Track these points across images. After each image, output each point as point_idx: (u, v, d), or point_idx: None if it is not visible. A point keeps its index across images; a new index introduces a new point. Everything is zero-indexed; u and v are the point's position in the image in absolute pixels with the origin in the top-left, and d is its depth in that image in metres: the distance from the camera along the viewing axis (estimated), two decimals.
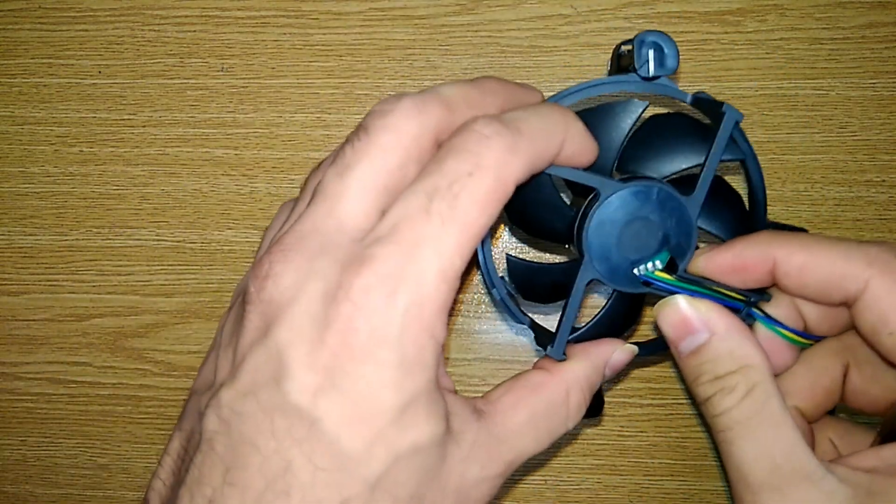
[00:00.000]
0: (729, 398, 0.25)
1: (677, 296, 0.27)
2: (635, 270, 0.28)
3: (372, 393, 0.21)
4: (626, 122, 0.29)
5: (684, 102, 0.30)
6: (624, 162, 0.30)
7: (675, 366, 0.40)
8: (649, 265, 0.28)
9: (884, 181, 0.39)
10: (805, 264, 0.26)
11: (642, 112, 0.29)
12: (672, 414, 0.41)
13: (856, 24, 0.39)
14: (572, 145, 0.25)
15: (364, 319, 0.21)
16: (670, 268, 0.28)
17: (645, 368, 0.41)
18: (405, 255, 0.21)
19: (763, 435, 0.24)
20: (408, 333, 0.21)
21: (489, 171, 0.22)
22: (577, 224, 0.28)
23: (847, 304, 0.26)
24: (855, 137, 0.39)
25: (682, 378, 0.41)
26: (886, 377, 0.28)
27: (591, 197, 0.28)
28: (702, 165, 0.28)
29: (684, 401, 0.40)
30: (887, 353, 0.25)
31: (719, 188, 0.30)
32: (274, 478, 0.20)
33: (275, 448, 0.21)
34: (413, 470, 0.22)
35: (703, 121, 0.30)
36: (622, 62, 0.30)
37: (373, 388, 0.21)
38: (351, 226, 0.22)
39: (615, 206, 0.27)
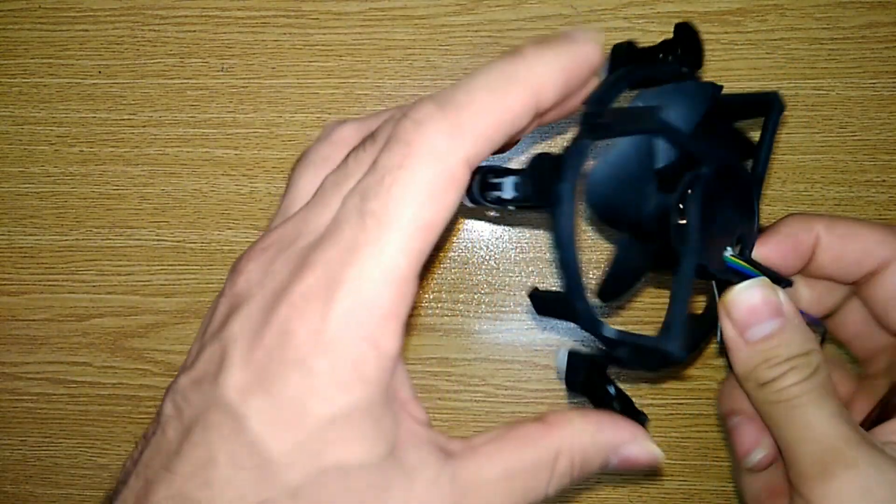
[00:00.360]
0: (796, 375, 0.25)
1: (756, 280, 0.26)
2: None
3: (298, 400, 0.20)
4: (699, 104, 0.26)
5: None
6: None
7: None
8: (729, 250, 0.27)
9: (884, 181, 0.39)
10: (846, 233, 0.27)
11: (717, 93, 0.26)
12: (672, 414, 0.41)
13: (856, 24, 0.39)
14: (553, 92, 0.21)
15: (300, 323, 0.20)
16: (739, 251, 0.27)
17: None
18: (344, 259, 0.20)
19: (815, 413, 0.25)
20: (343, 341, 0.20)
21: (424, 159, 0.20)
22: (676, 203, 0.25)
23: (870, 274, 0.27)
24: (855, 137, 0.39)
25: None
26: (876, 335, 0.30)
27: (692, 174, 0.25)
28: (759, 147, 0.27)
29: (684, 401, 0.40)
30: None
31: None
32: (200, 468, 0.20)
33: (205, 440, 0.20)
34: (340, 490, 0.20)
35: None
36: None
37: (300, 396, 0.20)
38: (314, 229, 0.22)
39: (715, 185, 0.25)
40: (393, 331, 0.20)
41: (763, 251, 0.28)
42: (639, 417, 0.25)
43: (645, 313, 0.40)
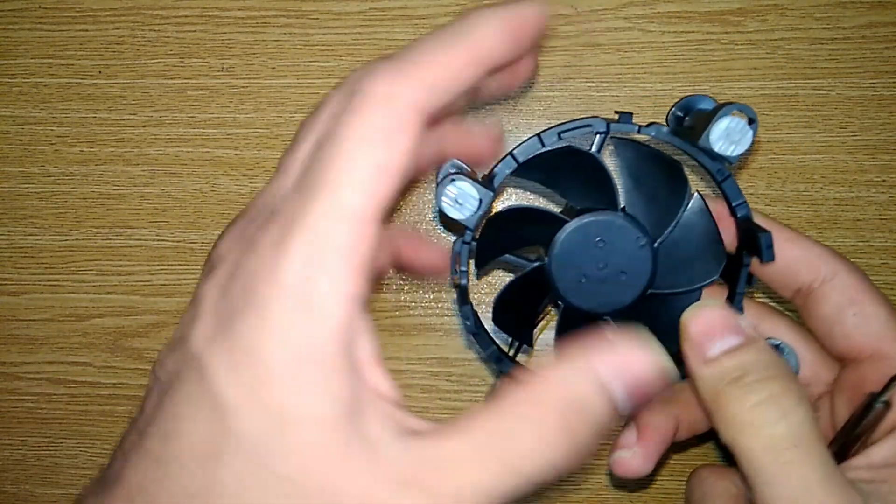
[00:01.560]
0: (773, 412, 0.24)
1: (711, 300, 0.27)
2: None
3: (253, 341, 0.19)
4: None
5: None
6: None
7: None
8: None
9: (884, 181, 0.39)
10: (789, 240, 0.29)
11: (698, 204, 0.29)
12: None
13: (856, 24, 0.39)
14: (497, 47, 0.22)
15: (259, 267, 0.20)
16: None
17: None
18: (304, 204, 0.20)
19: (794, 461, 0.24)
20: (298, 279, 0.19)
21: (374, 103, 0.20)
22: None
23: (803, 290, 0.28)
24: (855, 137, 0.39)
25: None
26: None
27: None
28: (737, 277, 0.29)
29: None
30: (844, 333, 0.27)
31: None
32: (168, 423, 0.20)
33: (174, 397, 0.20)
34: (290, 443, 0.19)
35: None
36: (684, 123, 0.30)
37: (254, 337, 0.19)
38: (286, 185, 0.22)
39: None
40: (351, 269, 0.19)
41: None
42: None
43: None
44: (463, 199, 0.25)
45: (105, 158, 0.42)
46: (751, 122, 0.25)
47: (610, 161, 0.30)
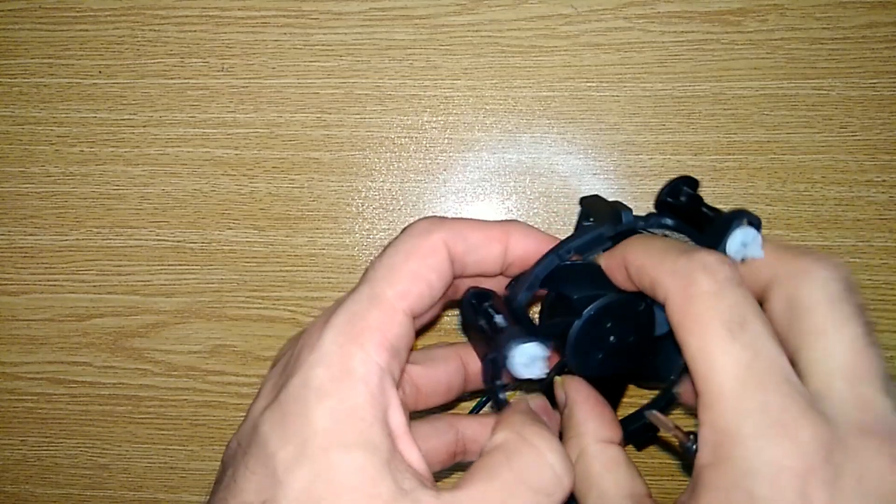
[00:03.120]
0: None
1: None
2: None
3: (300, 402, 0.22)
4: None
5: None
6: None
7: None
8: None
9: (884, 181, 0.39)
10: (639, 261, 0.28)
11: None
12: (672, 414, 0.41)
13: (856, 24, 0.39)
14: (523, 253, 0.28)
15: (307, 340, 0.24)
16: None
17: None
18: (348, 295, 0.25)
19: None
20: (333, 347, 0.23)
21: (411, 233, 0.26)
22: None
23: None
24: (855, 137, 0.39)
25: None
26: None
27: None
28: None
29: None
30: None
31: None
32: (228, 476, 0.23)
33: (237, 462, 0.23)
34: (340, 492, 0.21)
35: None
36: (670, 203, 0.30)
37: (301, 398, 0.22)
38: None
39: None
40: (381, 345, 0.23)
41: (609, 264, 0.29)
42: None
43: None
44: (531, 361, 0.26)
45: (105, 158, 0.42)
46: (758, 227, 0.27)
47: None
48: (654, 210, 0.31)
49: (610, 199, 0.31)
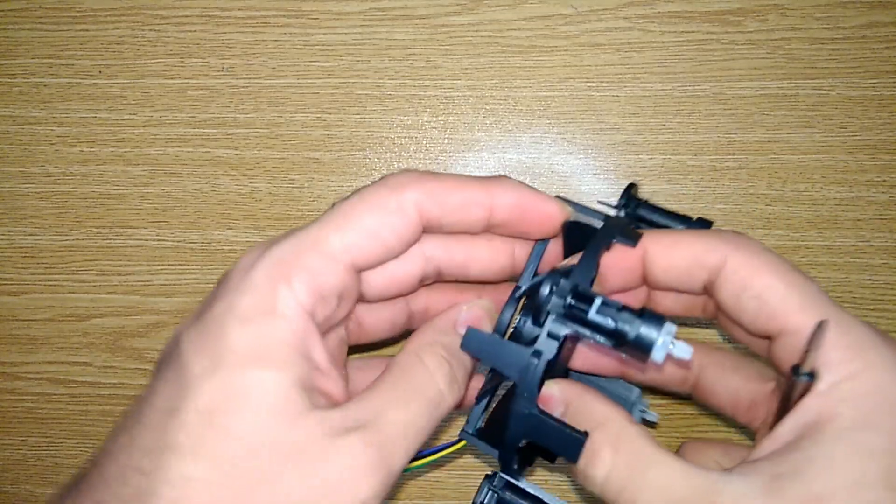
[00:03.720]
0: (601, 460, 0.24)
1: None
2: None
3: (219, 323, 0.23)
4: None
5: None
6: None
7: None
8: None
9: (884, 181, 0.39)
10: (670, 246, 0.27)
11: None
12: (673, 414, 0.41)
13: (856, 23, 0.39)
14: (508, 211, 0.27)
15: (240, 266, 0.24)
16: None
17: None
18: (295, 231, 0.25)
19: (654, 477, 0.24)
20: (264, 280, 0.23)
21: (383, 184, 0.26)
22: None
23: (708, 286, 0.27)
24: (855, 137, 0.39)
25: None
26: (731, 378, 0.30)
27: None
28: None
29: (685, 400, 0.40)
30: (751, 319, 0.26)
31: None
32: (141, 396, 0.24)
33: (155, 374, 0.24)
34: (246, 409, 0.22)
35: None
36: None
37: (221, 320, 0.23)
38: None
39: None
40: (308, 285, 0.23)
41: (601, 268, 0.28)
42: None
43: None
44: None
45: (105, 158, 0.42)
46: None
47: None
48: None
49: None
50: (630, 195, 0.32)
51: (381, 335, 0.30)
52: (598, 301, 0.25)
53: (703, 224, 0.31)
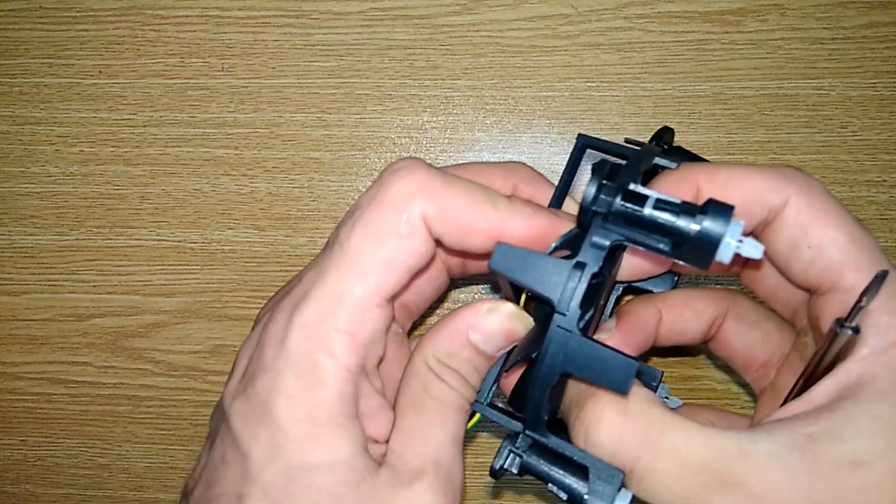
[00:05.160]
0: (610, 424, 0.23)
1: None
2: None
3: (266, 401, 0.22)
4: None
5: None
6: None
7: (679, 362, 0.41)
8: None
9: (884, 181, 0.39)
10: (728, 180, 0.24)
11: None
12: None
13: (857, 24, 0.39)
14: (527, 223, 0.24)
15: (271, 335, 0.23)
16: None
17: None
18: (311, 283, 0.23)
19: (671, 441, 0.22)
20: (300, 350, 0.22)
21: (387, 200, 0.23)
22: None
23: (760, 226, 0.25)
24: (856, 137, 0.39)
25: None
26: (751, 334, 0.29)
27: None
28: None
29: (685, 401, 0.40)
30: (801, 269, 0.24)
31: None
32: (206, 471, 0.24)
33: (213, 446, 0.24)
34: (307, 487, 0.22)
35: None
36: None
37: (266, 397, 0.22)
38: None
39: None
40: (348, 346, 0.22)
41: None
42: None
43: None
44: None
45: (105, 158, 0.42)
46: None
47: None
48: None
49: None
50: (661, 139, 0.29)
51: (428, 305, 0.29)
52: (653, 196, 0.22)
53: None
